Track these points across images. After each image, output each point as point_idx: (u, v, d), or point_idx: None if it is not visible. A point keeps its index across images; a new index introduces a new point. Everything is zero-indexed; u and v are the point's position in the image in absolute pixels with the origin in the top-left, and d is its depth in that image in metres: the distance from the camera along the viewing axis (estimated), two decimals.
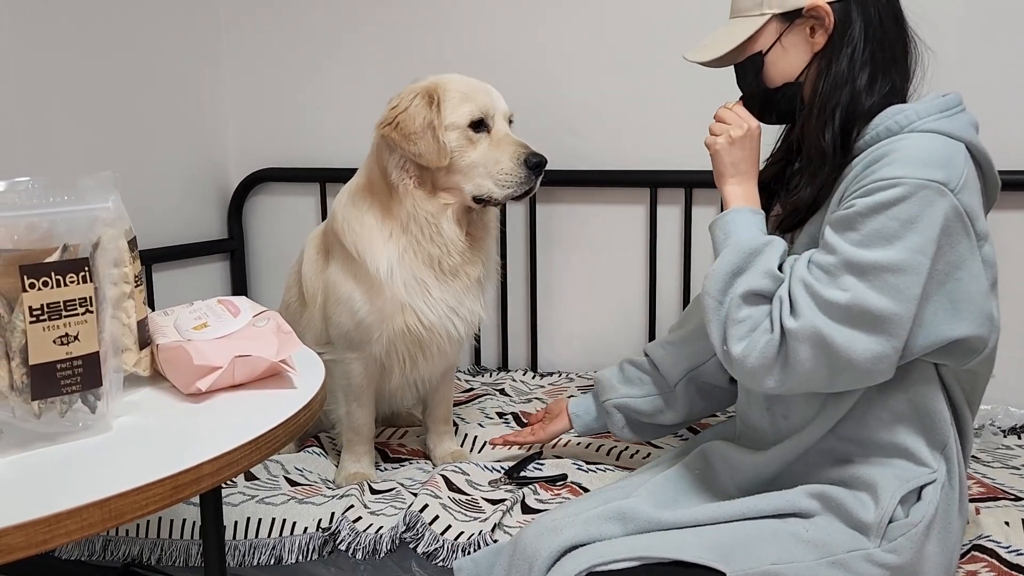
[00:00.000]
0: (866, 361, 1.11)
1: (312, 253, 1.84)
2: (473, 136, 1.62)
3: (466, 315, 1.71)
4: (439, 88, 1.63)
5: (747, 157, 1.32)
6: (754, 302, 1.19)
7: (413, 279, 1.65)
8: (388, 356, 1.72)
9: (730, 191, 1.32)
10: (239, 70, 2.70)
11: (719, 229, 1.29)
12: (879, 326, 1.10)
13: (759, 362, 1.16)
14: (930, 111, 1.18)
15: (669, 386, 1.59)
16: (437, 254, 1.65)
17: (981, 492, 1.58)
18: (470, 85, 1.65)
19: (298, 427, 0.99)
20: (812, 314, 1.13)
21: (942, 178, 1.10)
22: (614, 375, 1.67)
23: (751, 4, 1.31)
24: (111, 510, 0.76)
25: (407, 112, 1.60)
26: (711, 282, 1.23)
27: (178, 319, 1.13)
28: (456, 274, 1.68)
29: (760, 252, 1.22)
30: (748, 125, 1.33)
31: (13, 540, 0.70)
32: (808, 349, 1.13)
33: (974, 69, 1.98)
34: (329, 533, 1.52)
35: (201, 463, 0.84)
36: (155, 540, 1.59)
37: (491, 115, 1.64)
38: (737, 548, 1.17)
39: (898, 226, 1.10)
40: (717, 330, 1.21)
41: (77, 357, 0.88)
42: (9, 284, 0.84)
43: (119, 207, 0.98)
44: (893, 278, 1.09)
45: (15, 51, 2.03)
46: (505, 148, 1.62)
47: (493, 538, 1.45)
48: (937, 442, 1.21)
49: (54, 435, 0.88)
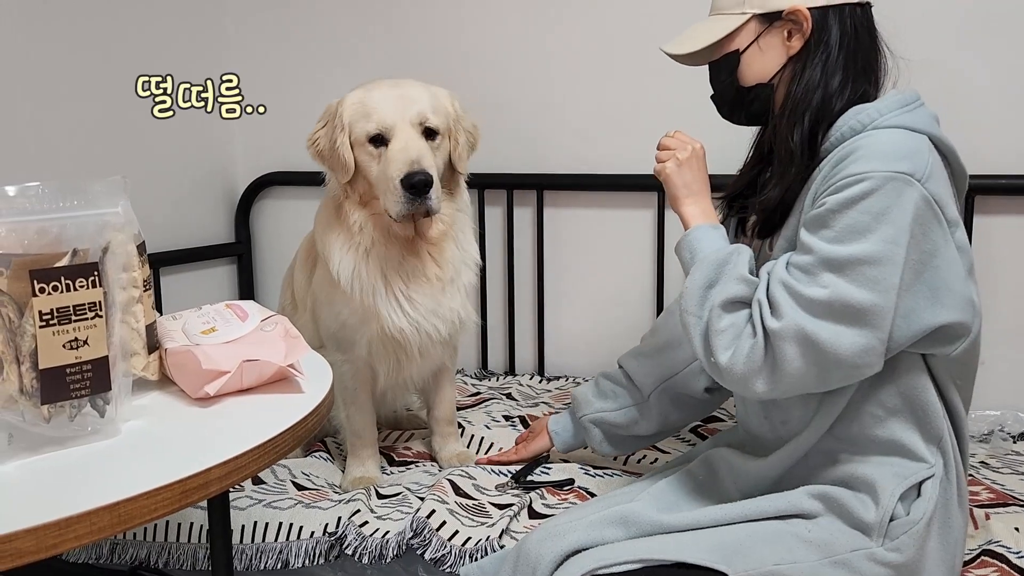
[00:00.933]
0: (853, 355, 1.12)
1: (301, 258, 1.87)
2: (373, 151, 1.63)
3: (445, 314, 1.71)
4: (341, 106, 1.66)
5: (697, 177, 1.35)
6: (733, 309, 1.20)
7: (374, 285, 1.66)
8: (372, 358, 1.74)
9: (687, 211, 1.34)
10: (245, 74, 2.69)
11: (684, 249, 1.31)
12: (862, 319, 1.11)
13: (747, 367, 1.17)
14: (891, 107, 1.21)
15: (643, 397, 1.62)
16: (389, 256, 1.66)
17: (991, 498, 1.57)
18: (373, 98, 1.64)
19: (306, 431, 0.99)
20: (794, 313, 1.13)
21: (908, 169, 1.12)
22: (590, 390, 1.71)
23: (732, 2, 1.33)
24: (120, 514, 0.77)
25: (318, 133, 1.68)
26: (687, 300, 1.24)
27: (186, 323, 1.14)
28: (423, 274, 1.69)
29: (728, 261, 1.24)
30: (692, 146, 1.36)
31: (23, 544, 0.70)
32: (794, 348, 1.13)
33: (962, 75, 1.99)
34: (336, 538, 1.52)
35: (210, 467, 0.84)
36: (162, 544, 1.59)
37: (389, 127, 1.61)
38: (739, 549, 1.17)
39: (870, 219, 1.11)
40: (700, 344, 1.22)
41: (86, 361, 0.88)
42: (19, 289, 0.84)
43: (128, 212, 0.98)
44: (870, 270, 1.11)
45: (24, 57, 2.04)
46: (392, 164, 1.58)
47: (500, 543, 1.45)
48: (932, 435, 1.22)
49: (63, 439, 0.88)
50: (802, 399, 1.26)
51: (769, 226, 1.33)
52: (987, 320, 2.02)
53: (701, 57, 1.38)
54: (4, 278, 0.84)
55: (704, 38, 1.35)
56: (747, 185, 1.42)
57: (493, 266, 2.44)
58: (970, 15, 2.00)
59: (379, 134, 1.61)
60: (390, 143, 1.61)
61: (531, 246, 2.44)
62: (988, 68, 1.99)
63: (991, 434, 1.94)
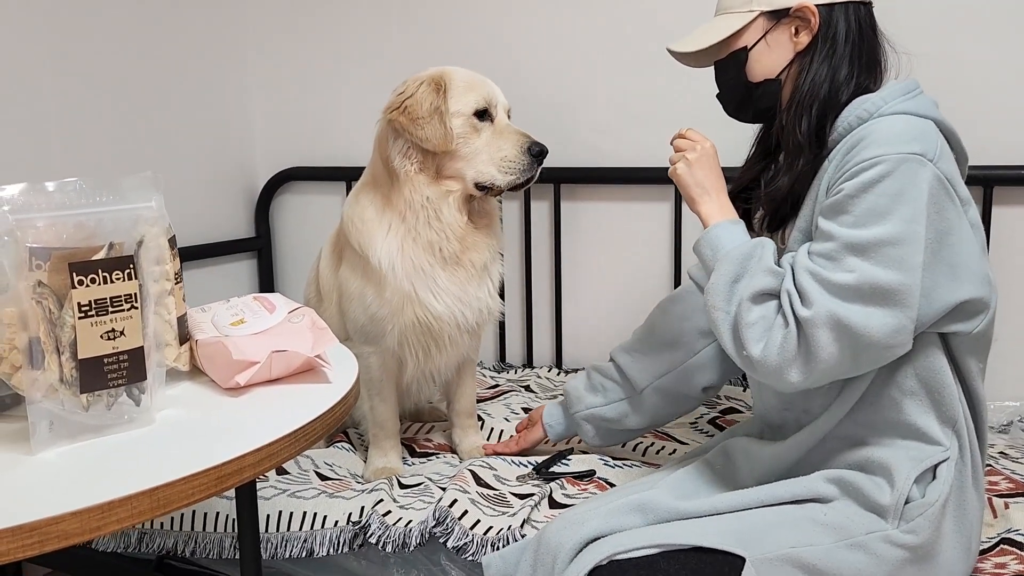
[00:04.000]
0: (885, 336, 1.13)
1: (327, 252, 1.88)
2: (477, 124, 1.66)
3: (472, 303, 1.73)
4: (445, 77, 1.67)
5: (709, 174, 1.36)
6: (762, 301, 1.21)
7: (415, 269, 1.67)
8: (401, 348, 1.75)
9: (705, 209, 1.35)
10: (266, 73, 2.73)
11: (705, 247, 1.32)
12: (891, 299, 1.13)
13: (781, 358, 1.18)
14: (893, 96, 1.24)
15: (635, 391, 1.65)
16: (436, 240, 1.67)
17: (1010, 487, 1.58)
18: (473, 77, 1.70)
19: (334, 420, 1.02)
20: (824, 299, 1.15)
21: (920, 150, 1.14)
22: (581, 384, 1.74)
23: (739, 1, 1.35)
24: (159, 499, 0.79)
25: (414, 97, 1.64)
26: (713, 296, 1.25)
27: (215, 315, 1.16)
28: (459, 262, 1.70)
29: (752, 254, 1.25)
30: (702, 145, 1.37)
31: (69, 527, 0.73)
32: (827, 333, 1.14)
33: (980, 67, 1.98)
34: (359, 527, 1.54)
35: (243, 454, 0.86)
36: (189, 533, 1.62)
37: (494, 105, 1.69)
38: (756, 533, 1.19)
39: (888, 201, 1.13)
40: (730, 339, 1.23)
41: (123, 352, 0.90)
42: (59, 281, 0.87)
43: (161, 207, 1.01)
44: (894, 250, 1.13)
45: (52, 59, 2.08)
46: (508, 137, 1.67)
47: (521, 533, 1.47)
48: (947, 418, 1.23)
49: (101, 427, 0.91)
50: (824, 388, 1.27)
51: (779, 218, 1.35)
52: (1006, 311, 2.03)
53: (708, 56, 1.40)
54: (44, 271, 0.86)
55: (712, 36, 1.37)
56: (751, 181, 1.44)
57: (511, 259, 2.47)
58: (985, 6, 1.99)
59: (485, 109, 1.67)
60: (495, 118, 1.68)
61: (548, 239, 2.46)
62: (1006, 60, 1.98)
63: (1010, 425, 1.93)
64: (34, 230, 0.87)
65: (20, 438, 0.89)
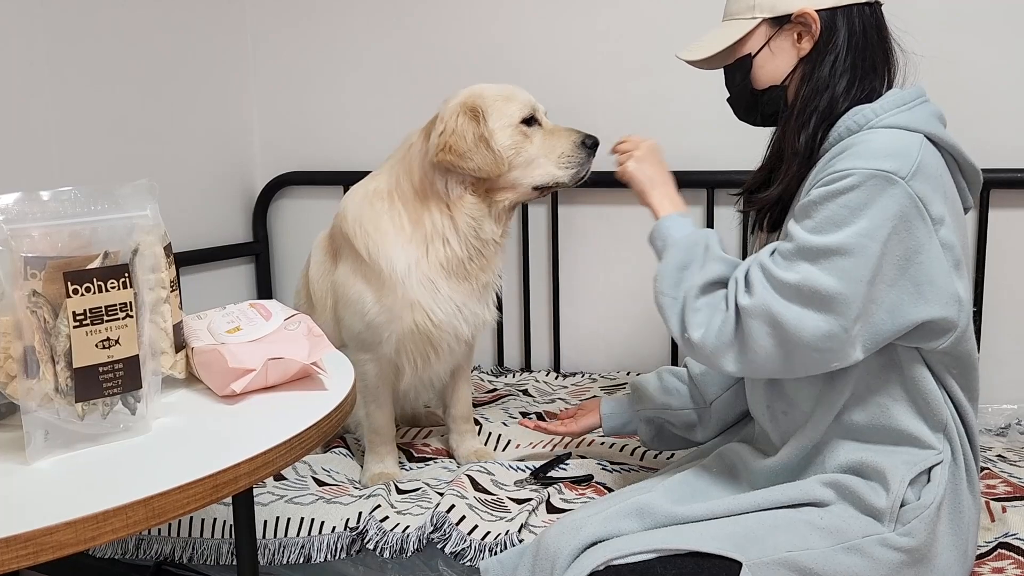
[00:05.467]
0: (815, 339, 1.16)
1: (319, 256, 1.87)
2: (527, 131, 1.68)
3: (471, 317, 1.74)
4: (478, 100, 1.66)
5: (658, 170, 1.42)
6: (711, 290, 1.26)
7: (426, 279, 1.69)
8: (399, 356, 1.75)
9: (655, 202, 1.40)
10: (264, 76, 2.73)
11: (656, 238, 1.36)
12: (827, 305, 1.15)
13: (717, 341, 1.22)
14: (887, 108, 1.24)
15: (705, 402, 1.61)
16: (461, 255, 1.69)
17: (1007, 491, 1.58)
18: (504, 88, 1.70)
19: (330, 427, 1.01)
20: (764, 291, 1.18)
21: (891, 167, 1.15)
22: (652, 384, 1.69)
23: (743, 7, 1.36)
24: (154, 508, 0.79)
25: (456, 133, 1.62)
26: (660, 282, 1.29)
27: (211, 323, 1.16)
28: (466, 277, 1.72)
29: (699, 243, 1.29)
30: (646, 143, 1.44)
31: (63, 537, 0.73)
32: (760, 326, 1.18)
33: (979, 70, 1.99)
34: (357, 532, 1.54)
35: (239, 463, 0.86)
36: (187, 539, 1.62)
37: (536, 108, 1.71)
38: (752, 538, 1.19)
39: (847, 213, 1.15)
40: (676, 322, 1.27)
41: (118, 360, 0.90)
42: (54, 290, 0.87)
43: (156, 215, 1.01)
44: (841, 260, 1.15)
45: (50, 64, 2.08)
46: (560, 135, 1.71)
47: (519, 538, 1.47)
48: (937, 423, 1.24)
49: (96, 436, 0.91)
50: (804, 388, 1.28)
51: (771, 222, 1.38)
52: (1002, 314, 2.03)
53: (716, 62, 1.41)
54: (39, 280, 0.86)
55: (716, 44, 1.38)
56: (763, 182, 1.44)
57: (509, 263, 2.46)
58: (987, 9, 1.99)
59: (532, 115, 1.69)
60: (540, 121, 1.71)
61: (546, 243, 2.46)
62: (1004, 62, 1.99)
63: (1008, 428, 1.94)
64: (29, 239, 0.87)
65: (15, 447, 0.89)
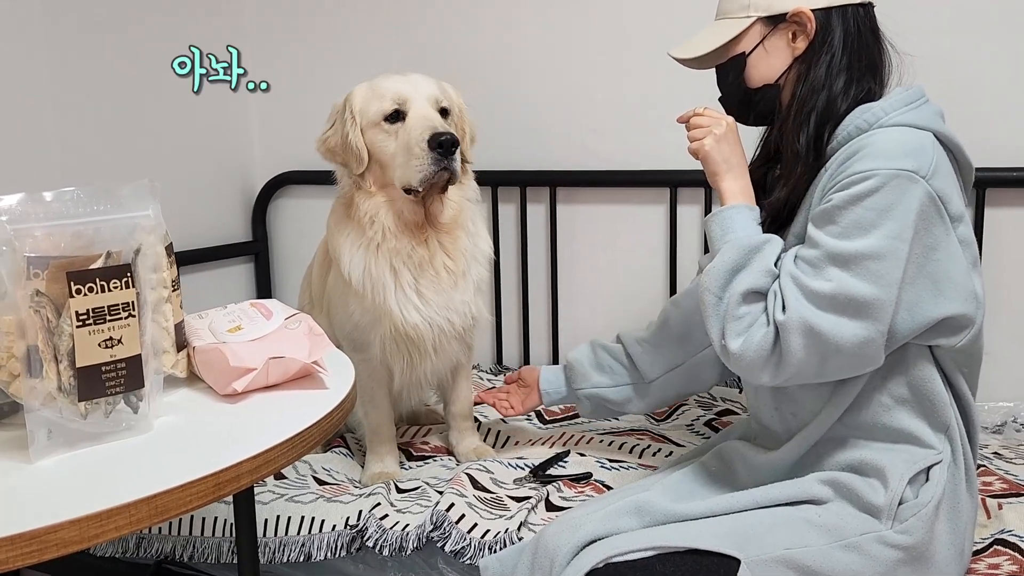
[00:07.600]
0: (853, 346, 1.15)
1: (319, 259, 1.90)
2: (390, 128, 1.65)
3: (455, 307, 1.72)
4: (349, 97, 1.69)
5: (735, 151, 1.34)
6: (752, 300, 1.23)
7: (385, 281, 1.67)
8: (386, 357, 1.75)
9: (727, 187, 1.32)
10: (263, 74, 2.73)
11: (716, 225, 1.30)
12: (864, 311, 1.15)
13: (756, 356, 1.20)
14: (895, 106, 1.24)
15: (643, 380, 1.67)
16: (398, 247, 1.67)
17: (1004, 488, 1.59)
18: (380, 83, 1.69)
19: (331, 426, 1.02)
20: (800, 305, 1.17)
21: (912, 166, 1.15)
22: (586, 359, 1.74)
23: (737, 6, 1.35)
24: (157, 506, 0.79)
25: (332, 131, 1.70)
26: (710, 278, 1.26)
27: (212, 322, 1.17)
28: (432, 267, 1.70)
29: (759, 250, 1.25)
30: (725, 121, 1.34)
31: (67, 535, 0.73)
32: (799, 339, 1.16)
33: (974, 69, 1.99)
34: (357, 531, 1.55)
35: (241, 461, 0.87)
36: (187, 538, 1.63)
37: (405, 100, 1.64)
38: (751, 535, 1.20)
39: (874, 215, 1.15)
40: (716, 325, 1.25)
41: (120, 360, 0.91)
42: (57, 290, 0.87)
43: (158, 215, 1.01)
44: (874, 265, 1.14)
45: (49, 65, 2.08)
46: (414, 130, 1.60)
47: (519, 536, 1.47)
48: (939, 424, 1.25)
49: (99, 435, 0.91)
50: (814, 392, 1.29)
51: (777, 224, 1.36)
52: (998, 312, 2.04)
53: (709, 61, 1.40)
54: (42, 280, 0.87)
55: (710, 42, 1.37)
56: (754, 183, 1.44)
57: (507, 262, 2.47)
58: (983, 9, 2.00)
59: (396, 110, 1.65)
60: (408, 116, 1.64)
61: (544, 242, 2.46)
62: (999, 61, 2.00)
63: (1004, 425, 1.94)
64: (32, 239, 0.87)
65: (18, 446, 0.90)
